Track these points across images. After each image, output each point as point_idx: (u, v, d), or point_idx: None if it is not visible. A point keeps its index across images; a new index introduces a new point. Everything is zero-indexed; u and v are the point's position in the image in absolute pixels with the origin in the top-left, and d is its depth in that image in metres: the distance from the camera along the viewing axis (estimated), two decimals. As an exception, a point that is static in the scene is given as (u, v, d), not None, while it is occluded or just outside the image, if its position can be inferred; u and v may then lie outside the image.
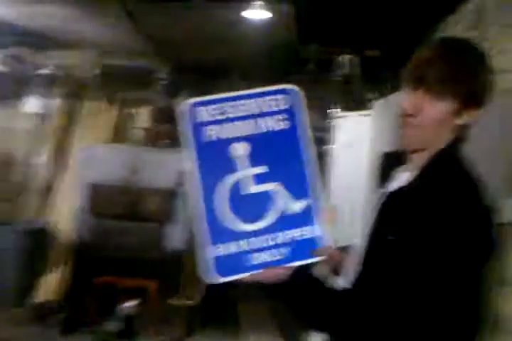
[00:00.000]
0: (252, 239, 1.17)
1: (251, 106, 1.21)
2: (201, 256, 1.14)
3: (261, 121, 1.21)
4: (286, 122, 1.22)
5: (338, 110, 4.25)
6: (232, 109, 1.20)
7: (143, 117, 4.57)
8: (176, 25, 4.16)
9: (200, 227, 1.15)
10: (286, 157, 1.21)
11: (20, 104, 5.00)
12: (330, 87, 4.61)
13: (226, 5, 3.67)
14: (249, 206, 1.18)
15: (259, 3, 3.33)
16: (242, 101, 1.21)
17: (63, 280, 4.11)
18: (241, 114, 1.20)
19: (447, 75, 1.03)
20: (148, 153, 4.08)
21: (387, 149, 1.24)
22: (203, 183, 1.17)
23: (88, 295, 3.78)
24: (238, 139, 1.19)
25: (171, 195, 3.87)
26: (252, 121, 1.21)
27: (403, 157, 1.17)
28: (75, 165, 4.35)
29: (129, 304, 3.53)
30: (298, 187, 1.21)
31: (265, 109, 1.21)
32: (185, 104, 1.18)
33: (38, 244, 4.38)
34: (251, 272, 1.15)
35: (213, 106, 1.19)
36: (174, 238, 3.86)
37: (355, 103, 4.30)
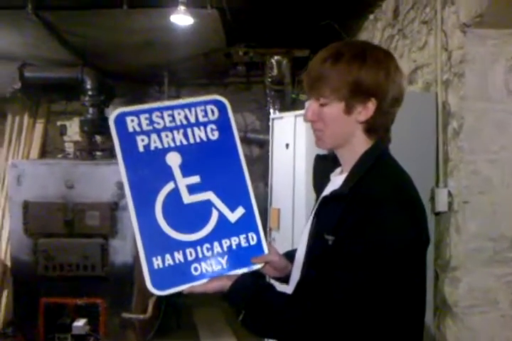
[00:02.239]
0: (190, 250, 1.17)
1: (180, 116, 1.21)
2: (142, 269, 1.14)
3: (191, 131, 1.21)
4: (217, 132, 1.23)
5: (274, 111, 4.30)
6: (162, 119, 1.20)
7: (73, 129, 4.41)
8: (102, 33, 4.05)
9: (137, 241, 1.14)
10: (219, 166, 1.22)
11: None
12: (263, 88, 4.65)
13: (151, 11, 3.61)
14: (185, 216, 1.18)
15: (183, 8, 3.30)
16: (172, 112, 1.21)
17: (7, 305, 3.91)
18: (171, 124, 1.20)
19: (322, 79, 1.09)
20: (83, 166, 3.93)
21: (319, 150, 1.27)
22: (136, 195, 1.15)
23: (36, 318, 3.62)
24: (169, 149, 1.19)
25: (111, 209, 3.75)
26: (182, 131, 1.21)
27: (336, 159, 1.22)
28: (6, 183, 4.14)
29: (79, 323, 3.41)
30: (232, 196, 1.22)
31: (195, 120, 1.22)
32: (113, 114, 1.17)
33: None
34: (191, 284, 1.15)
35: (142, 116, 1.18)
36: (121, 252, 3.75)
37: (289, 103, 4.36)
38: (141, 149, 1.17)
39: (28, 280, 3.74)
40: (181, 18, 3.42)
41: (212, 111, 1.24)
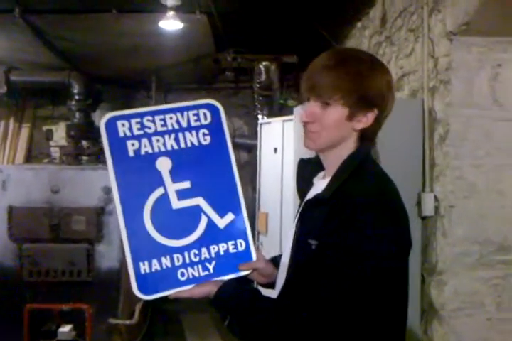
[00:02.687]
0: (177, 255, 1.16)
1: (172, 120, 1.20)
2: (129, 274, 1.12)
3: (182, 136, 1.20)
4: (209, 137, 1.22)
5: (262, 116, 4.31)
6: (153, 124, 1.18)
7: (60, 134, 4.39)
8: (90, 38, 4.04)
9: (125, 245, 1.13)
10: (210, 172, 1.21)
11: None
12: (251, 93, 4.67)
13: (140, 16, 3.62)
14: (173, 222, 1.17)
15: (172, 13, 3.31)
16: (163, 116, 1.20)
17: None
18: (162, 129, 1.18)
19: (331, 84, 1.09)
20: (69, 170, 3.91)
21: (307, 154, 1.28)
22: (125, 200, 1.14)
23: (20, 324, 3.57)
24: (160, 154, 1.17)
25: (97, 213, 3.73)
26: (173, 136, 1.19)
27: (320, 163, 1.22)
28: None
29: (65, 329, 3.38)
30: (222, 202, 1.21)
31: (186, 124, 1.21)
32: (104, 118, 1.16)
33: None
34: (177, 289, 1.14)
35: (133, 121, 1.17)
36: (107, 257, 3.72)
37: (277, 109, 4.38)
38: (131, 154, 1.16)
39: (13, 285, 3.69)
40: (170, 23, 3.44)
41: (205, 116, 1.23)
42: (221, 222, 1.20)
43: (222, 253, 1.20)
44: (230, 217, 1.21)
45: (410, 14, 2.50)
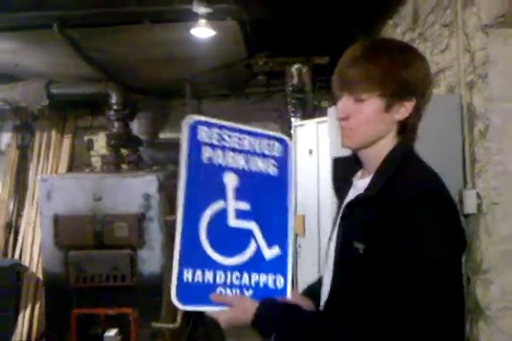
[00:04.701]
0: (220, 273, 1.16)
1: (247, 142, 1.24)
2: (172, 279, 1.13)
3: (253, 159, 1.23)
4: (276, 169, 1.25)
5: (295, 119, 4.32)
6: (230, 139, 1.22)
7: (100, 143, 4.51)
8: (125, 49, 4.14)
9: (175, 248, 1.14)
10: (268, 202, 1.23)
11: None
12: (284, 97, 4.68)
13: (172, 25, 3.69)
14: (225, 238, 1.18)
15: (203, 21, 3.36)
16: (241, 135, 1.24)
17: (40, 316, 3.98)
18: (237, 147, 1.22)
19: (363, 76, 1.05)
20: (110, 179, 4.00)
21: (342, 154, 1.27)
22: (188, 202, 1.15)
23: (68, 328, 3.68)
24: (229, 169, 1.20)
25: (138, 220, 3.81)
26: (245, 157, 1.22)
27: (356, 162, 1.19)
28: (36, 198, 4.24)
29: (110, 333, 3.46)
30: (273, 234, 1.21)
31: (260, 150, 1.25)
32: (188, 120, 1.19)
33: (8, 283, 4.25)
34: (211, 307, 1.14)
35: (214, 130, 1.21)
36: (149, 263, 3.79)
37: (311, 111, 4.38)
38: (204, 160, 1.18)
39: (60, 291, 3.81)
40: (202, 31, 3.49)
41: (276, 148, 1.27)
42: (267, 253, 1.21)
43: (261, 284, 1.19)
44: (276, 250, 1.21)
45: (443, 9, 2.46)
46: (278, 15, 3.66)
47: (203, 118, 1.21)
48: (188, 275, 1.13)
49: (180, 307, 1.13)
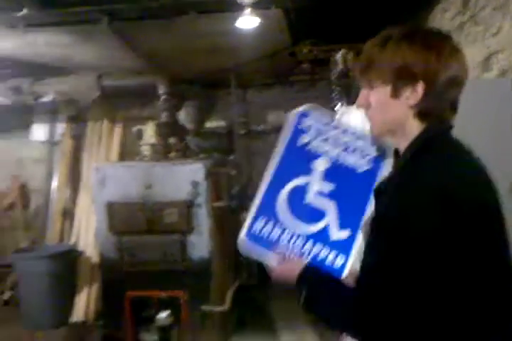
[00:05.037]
0: (288, 232, 1.27)
1: (347, 139, 1.34)
2: (246, 222, 1.28)
3: (347, 154, 1.33)
4: (370, 164, 1.34)
5: (341, 106, 4.30)
6: (333, 135, 1.34)
7: (149, 133, 4.65)
8: (171, 40, 4.23)
9: (256, 199, 1.30)
10: (353, 190, 1.32)
11: (28, 134, 5.10)
12: (328, 84, 4.67)
13: (216, 15, 3.74)
14: (303, 208, 1.29)
15: (248, 10, 3.40)
16: (343, 133, 1.35)
17: (97, 298, 4.19)
18: (335, 141, 1.34)
19: (367, 64, 1.10)
20: (159, 167, 4.13)
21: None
22: (278, 172, 1.31)
23: (123, 310, 3.85)
24: (324, 155, 1.32)
25: (187, 206, 3.92)
26: (340, 150, 1.34)
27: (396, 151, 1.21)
28: (90, 186, 4.43)
29: (163, 315, 3.59)
30: (347, 218, 1.29)
31: (356, 148, 1.34)
32: (301, 109, 1.35)
33: (66, 266, 4.48)
34: (268, 254, 1.25)
35: (319, 124, 1.34)
36: (198, 248, 3.92)
37: (355, 97, 4.35)
38: (301, 144, 1.33)
39: (115, 275, 3.99)
40: (247, 20, 3.52)
41: (377, 149, 1.35)
42: (336, 234, 1.28)
43: (320, 256, 1.26)
44: (346, 232, 1.28)
45: (495, -9, 2.41)
46: (322, 1, 3.65)
47: (311, 110, 1.35)
48: (260, 223, 1.27)
49: (246, 243, 1.27)
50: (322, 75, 4.89)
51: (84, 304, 4.41)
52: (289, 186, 1.29)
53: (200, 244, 3.91)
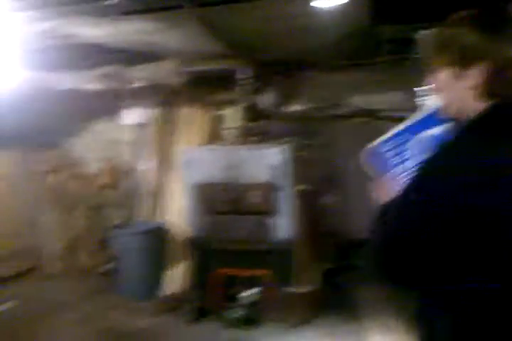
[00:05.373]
0: (408, 163, 1.36)
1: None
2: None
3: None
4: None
5: (423, 88, 4.21)
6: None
7: (234, 117, 4.80)
8: (251, 24, 4.29)
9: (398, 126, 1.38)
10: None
11: (121, 118, 5.44)
12: (411, 65, 4.56)
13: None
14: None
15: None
16: None
17: (186, 274, 4.47)
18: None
19: (435, 46, 1.15)
20: (242, 150, 4.28)
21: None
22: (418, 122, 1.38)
23: (211, 286, 4.09)
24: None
25: (270, 189, 4.07)
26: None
27: None
28: (179, 167, 4.68)
29: (250, 292, 3.78)
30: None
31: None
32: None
33: (157, 243, 4.82)
34: (382, 172, 1.36)
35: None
36: (281, 229, 4.06)
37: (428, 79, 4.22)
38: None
39: (203, 253, 4.25)
40: (325, 1, 3.50)
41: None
42: None
43: None
44: None
45: None
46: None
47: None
48: (390, 145, 1.39)
49: (367, 156, 1.40)
50: (405, 55, 4.77)
51: (174, 278, 4.73)
52: (427, 133, 1.35)
53: (284, 226, 4.06)
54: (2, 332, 4.10)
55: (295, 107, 5.06)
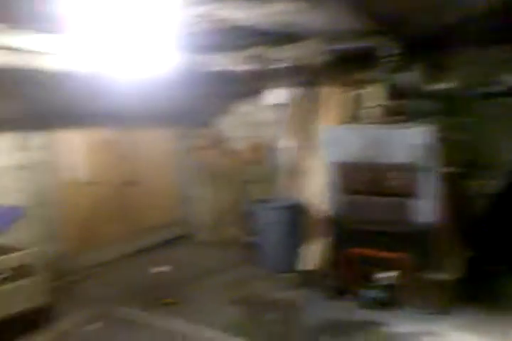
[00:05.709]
0: None
1: None
2: None
3: None
4: None
5: None
6: None
7: (374, 96, 4.70)
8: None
9: None
10: None
11: (264, 98, 5.66)
12: None
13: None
14: None
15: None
16: None
17: (324, 251, 4.57)
18: None
19: None
20: (385, 130, 4.19)
21: None
22: None
23: (346, 265, 4.14)
24: None
25: (413, 170, 3.93)
26: None
27: None
28: (319, 146, 4.75)
29: (388, 274, 3.74)
30: None
31: None
32: None
33: (296, 219, 4.99)
34: None
35: None
36: (423, 212, 3.93)
37: None
38: None
39: (341, 231, 4.29)
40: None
41: None
42: None
43: None
44: None
45: None
46: None
47: None
48: None
49: None
50: None
51: (312, 255, 4.86)
52: None
53: (426, 209, 3.92)
54: (159, 290, 4.64)
55: (440, 85, 4.76)
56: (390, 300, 3.94)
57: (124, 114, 5.39)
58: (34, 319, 3.75)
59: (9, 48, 3.78)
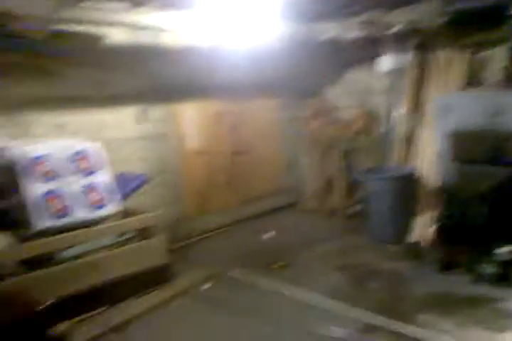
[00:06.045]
0: None
1: None
2: None
3: None
4: None
5: None
6: None
7: (496, 59, 4.35)
8: None
9: None
10: None
11: (376, 65, 5.48)
12: None
13: None
14: None
15: None
16: None
17: (434, 223, 4.43)
18: None
19: None
20: (508, 95, 3.89)
21: None
22: None
23: (458, 237, 3.98)
24: None
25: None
26: None
27: None
28: (433, 113, 4.53)
29: (505, 250, 3.55)
30: None
31: None
32: None
33: (407, 189, 4.85)
34: None
35: None
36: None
37: None
38: None
39: (453, 202, 4.12)
40: None
41: None
42: None
43: None
44: None
45: None
46: None
47: None
48: None
49: None
50: None
51: (421, 226, 4.73)
52: None
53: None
54: (267, 255, 4.81)
55: None
56: (508, 276, 3.73)
57: (235, 85, 5.54)
58: (154, 277, 3.99)
59: (134, 26, 4.01)
